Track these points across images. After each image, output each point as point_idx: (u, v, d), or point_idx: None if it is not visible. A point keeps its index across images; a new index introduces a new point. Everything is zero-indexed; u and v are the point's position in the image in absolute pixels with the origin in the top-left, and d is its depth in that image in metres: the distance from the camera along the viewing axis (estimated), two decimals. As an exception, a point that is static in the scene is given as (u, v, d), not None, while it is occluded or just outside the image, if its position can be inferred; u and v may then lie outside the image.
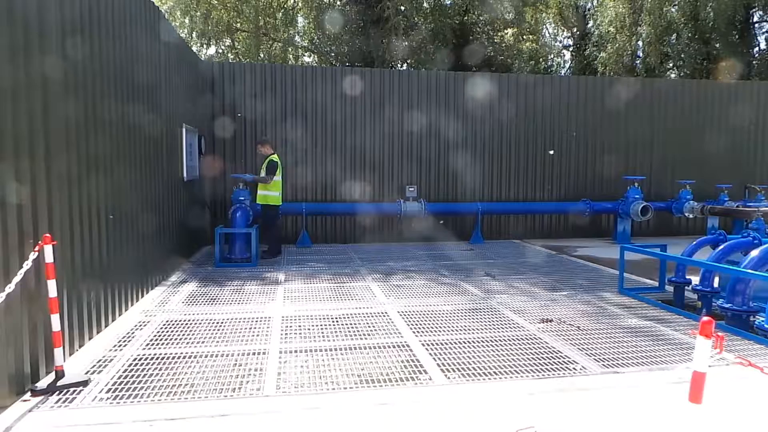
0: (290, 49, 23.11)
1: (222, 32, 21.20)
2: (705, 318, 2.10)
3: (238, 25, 21.56)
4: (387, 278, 7.59)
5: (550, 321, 5.39)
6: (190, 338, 4.80)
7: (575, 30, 30.36)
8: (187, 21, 20.68)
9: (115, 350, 4.46)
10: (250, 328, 5.13)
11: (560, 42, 32.22)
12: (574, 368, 4.11)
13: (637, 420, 3.24)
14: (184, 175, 8.32)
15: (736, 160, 12.76)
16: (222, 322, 5.30)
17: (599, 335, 4.95)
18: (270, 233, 9.33)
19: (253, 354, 4.41)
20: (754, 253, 5.28)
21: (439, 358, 4.30)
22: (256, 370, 4.05)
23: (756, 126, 12.90)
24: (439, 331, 5.08)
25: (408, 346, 4.63)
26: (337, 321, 5.39)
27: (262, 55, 22.21)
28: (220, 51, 23.65)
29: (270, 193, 9.10)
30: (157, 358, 4.27)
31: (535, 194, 11.99)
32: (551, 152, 11.88)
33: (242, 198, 9.02)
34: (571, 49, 31.43)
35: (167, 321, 5.33)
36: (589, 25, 29.23)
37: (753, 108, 12.85)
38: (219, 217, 10.48)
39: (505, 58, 21.49)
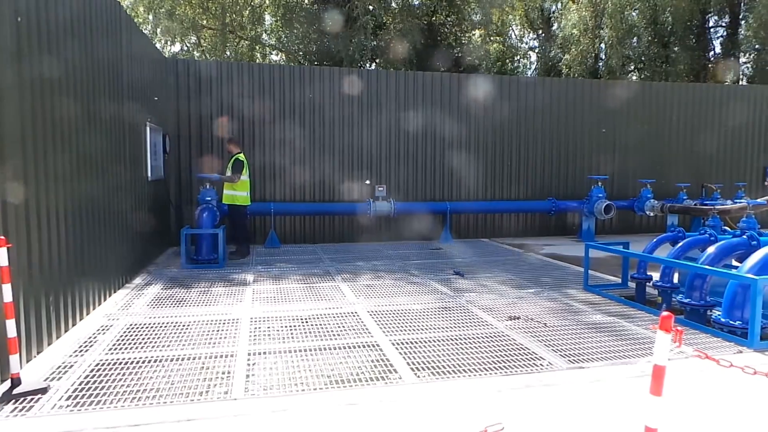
0: (257, 47, 22.84)
1: (187, 29, 20.79)
2: (665, 313, 2.16)
3: (204, 22, 21.17)
4: (356, 278, 7.58)
5: (518, 318, 5.48)
6: (155, 342, 4.69)
7: (540, 32, 30.93)
8: (150, 17, 20.20)
9: (76, 356, 4.31)
10: (218, 331, 5.04)
11: (526, 44, 32.77)
12: (540, 364, 4.18)
13: (600, 414, 3.32)
14: (149, 174, 8.13)
15: (694, 160, 13.21)
16: (188, 325, 5.19)
17: (565, 331, 5.05)
18: (238, 234, 9.20)
19: (221, 357, 4.34)
20: (711, 249, 5.48)
21: (409, 357, 4.31)
22: (224, 373, 3.98)
23: (719, 127, 13.38)
24: (409, 330, 5.10)
25: (378, 345, 4.63)
26: (306, 322, 5.35)
27: (228, 53, 21.89)
28: (185, 48, 23.20)
29: (237, 193, 8.98)
30: (120, 363, 4.15)
31: (502, 194, 12.16)
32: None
33: (209, 198, 8.86)
34: (536, 50, 32.01)
35: (131, 324, 5.19)
36: (554, 28, 29.84)
37: (711, 110, 13.33)
38: (185, 217, 10.28)
39: (473, 59, 21.73)
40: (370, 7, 17.96)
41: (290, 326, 5.20)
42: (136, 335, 4.86)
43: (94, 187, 5.77)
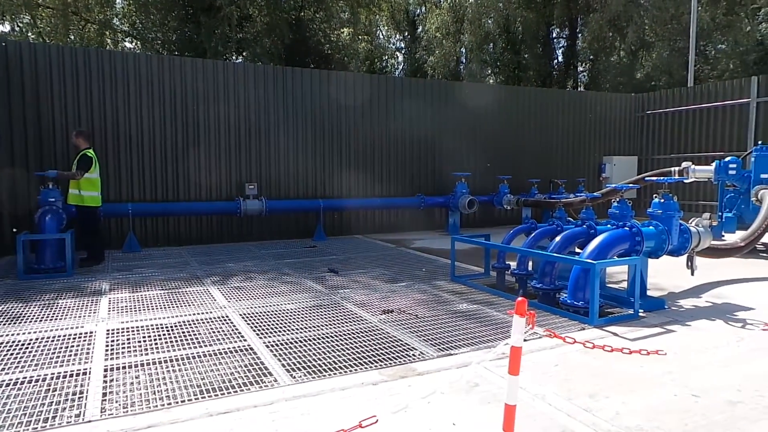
0: (108, 33, 20.81)
1: (18, 6, 18.27)
2: (520, 298, 2.35)
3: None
4: (227, 280, 7.26)
5: (391, 311, 5.63)
6: (-13, 366, 4.06)
7: (407, 34, 32.08)
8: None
9: None
10: (67, 347, 4.51)
11: (393, 44, 33.81)
12: (413, 354, 4.34)
13: (466, 394, 3.53)
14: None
15: (544, 157, 14.63)
16: (29, 343, 4.58)
17: (435, 321, 5.30)
18: (89, 238, 8.33)
19: (72, 376, 3.89)
20: (557, 238, 6.09)
21: (284, 359, 4.23)
22: (76, 394, 3.57)
23: (562, 128, 14.91)
24: (284, 330, 5.00)
25: (251, 349, 4.47)
26: (172, 330, 5.00)
27: (72, 37, 19.69)
28: (17, 29, 20.41)
29: (85, 193, 8.11)
30: (-60, 395, 3.53)
31: (375, 191, 12.42)
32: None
33: (52, 199, 7.87)
34: (403, 51, 33.17)
35: (-46, 348, 4.45)
36: (419, 30, 31.13)
37: (555, 112, 14.83)
38: (22, 221, 9.04)
39: (342, 56, 21.90)
40: (235, -3, 17.29)
41: (154, 336, 4.82)
42: (-38, 360, 4.18)
43: None
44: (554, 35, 28.03)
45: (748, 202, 9.14)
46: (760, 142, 10.03)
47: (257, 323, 5.22)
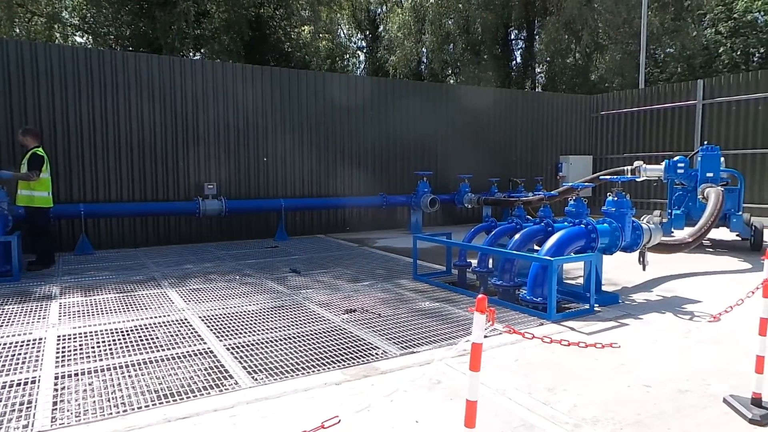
0: (57, 26, 19.98)
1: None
2: (480, 295, 2.38)
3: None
4: (185, 282, 7.10)
5: (354, 311, 5.63)
6: (-74, 377, 3.84)
7: (368, 33, 32.07)
8: None
9: None
10: (14, 355, 4.31)
11: (355, 43, 33.75)
12: (376, 353, 4.35)
13: (428, 392, 3.56)
14: None
15: (503, 156, 14.90)
16: (-27, 352, 4.36)
17: (397, 320, 5.32)
18: (38, 241, 7.97)
19: (19, 385, 3.72)
20: (517, 236, 6.22)
21: (245, 361, 4.16)
22: (24, 404, 3.42)
23: (521, 127, 15.22)
24: (245, 332, 4.92)
25: (211, 352, 4.38)
26: (128, 334, 4.85)
27: (18, 31, 18.80)
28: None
29: (36, 194, 7.77)
30: None
31: (337, 190, 12.37)
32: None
33: (-2, 200, 7.53)
34: (365, 50, 33.15)
35: None
36: (380, 30, 31.17)
37: (514, 112, 15.12)
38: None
39: (302, 54, 21.72)
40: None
41: (109, 341, 4.66)
42: None
43: None
44: (512, 37, 28.58)
45: (695, 200, 9.54)
46: (705, 142, 10.50)
47: (217, 325, 5.12)
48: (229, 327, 5.08)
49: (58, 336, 4.80)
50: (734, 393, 3.47)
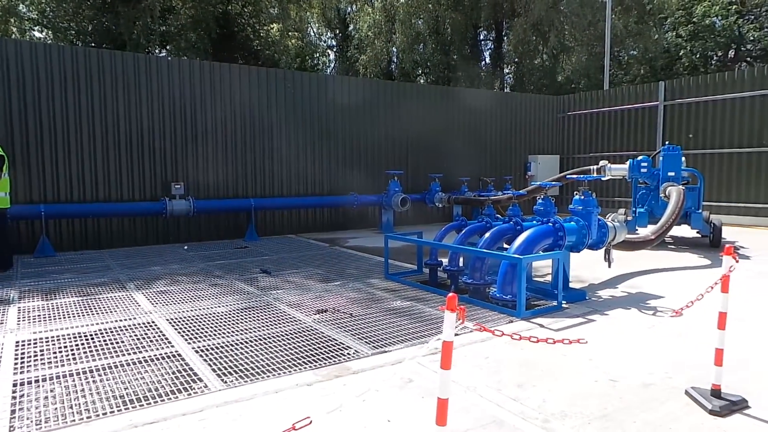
0: (13, 20, 19.24)
1: None
2: (450, 294, 2.40)
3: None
4: (152, 284, 6.94)
5: (325, 311, 5.59)
6: None
7: (338, 32, 31.93)
8: None
9: None
10: (-30, 362, 4.14)
11: (325, 42, 33.56)
12: (348, 353, 4.33)
13: (400, 391, 3.57)
14: None
15: (473, 156, 15.04)
16: (-75, 360, 4.17)
17: (369, 319, 5.31)
18: (-4, 243, 7.69)
19: (-24, 394, 3.57)
20: (486, 235, 6.28)
21: (215, 363, 4.09)
22: (-19, 413, 3.28)
23: (491, 127, 15.39)
24: (214, 334, 4.84)
25: (179, 355, 4.29)
26: (92, 339, 4.71)
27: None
28: None
29: (-6, 195, 7.49)
30: None
31: (299, 190, 12.28)
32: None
33: (-48, 201, 7.22)
34: (335, 49, 33.00)
35: None
36: (350, 29, 31.08)
37: (484, 112, 15.28)
38: None
39: (272, 53, 21.50)
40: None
41: (71, 346, 4.52)
42: None
43: None
44: (482, 38, 28.91)
45: (657, 198, 9.82)
46: (667, 142, 10.82)
47: (186, 328, 5.02)
48: (197, 329, 4.99)
49: (17, 342, 4.63)
50: (695, 385, 3.59)
